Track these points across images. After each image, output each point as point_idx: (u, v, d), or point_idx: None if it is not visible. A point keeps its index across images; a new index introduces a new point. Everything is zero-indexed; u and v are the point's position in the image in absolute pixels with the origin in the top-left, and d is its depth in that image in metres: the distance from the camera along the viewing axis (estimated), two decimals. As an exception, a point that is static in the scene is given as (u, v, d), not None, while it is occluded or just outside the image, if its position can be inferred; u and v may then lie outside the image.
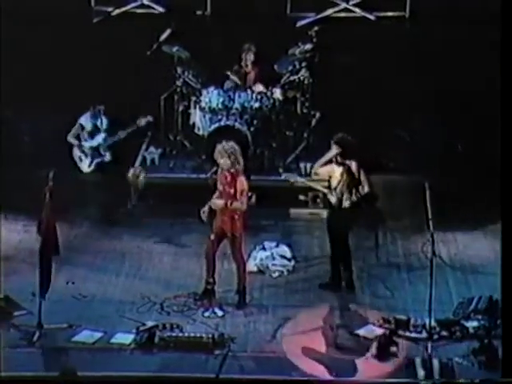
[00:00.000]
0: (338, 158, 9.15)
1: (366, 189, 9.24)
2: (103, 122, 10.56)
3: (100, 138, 10.51)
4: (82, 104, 11.44)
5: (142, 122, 10.56)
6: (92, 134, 10.54)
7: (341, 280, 9.27)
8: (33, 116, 11.39)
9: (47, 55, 11.62)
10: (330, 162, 9.27)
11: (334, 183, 9.19)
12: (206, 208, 8.94)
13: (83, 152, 10.52)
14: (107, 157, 10.51)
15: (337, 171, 9.20)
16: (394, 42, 11.78)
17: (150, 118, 10.63)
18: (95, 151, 10.53)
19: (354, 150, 9.24)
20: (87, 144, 10.51)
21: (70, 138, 10.59)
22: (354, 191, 9.18)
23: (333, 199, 9.18)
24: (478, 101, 10.61)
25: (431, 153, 10.98)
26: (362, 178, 9.22)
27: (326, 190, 9.28)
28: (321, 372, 8.02)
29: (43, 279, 8.42)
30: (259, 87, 11.02)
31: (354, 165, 9.21)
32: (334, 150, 9.18)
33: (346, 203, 9.16)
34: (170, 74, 11.13)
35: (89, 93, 11.51)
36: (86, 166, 10.56)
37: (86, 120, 10.58)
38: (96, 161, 10.52)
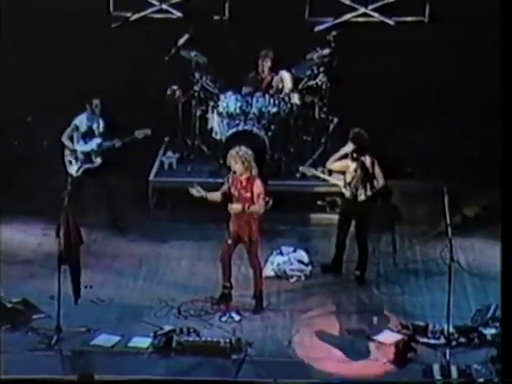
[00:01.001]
0: (353, 154, 9.25)
1: (381, 182, 9.34)
2: (100, 125, 10.22)
3: (94, 144, 10.17)
4: (100, 108, 11.49)
5: (140, 134, 10.28)
6: (85, 137, 10.18)
7: (342, 264, 9.42)
8: (51, 120, 11.44)
9: (66, 60, 11.68)
10: (344, 157, 9.36)
11: (348, 178, 9.30)
12: (198, 187, 8.95)
13: (75, 156, 10.18)
14: (97, 163, 10.17)
15: (351, 167, 9.31)
16: (412, 47, 11.76)
17: (148, 131, 10.29)
18: (86, 156, 10.19)
19: (368, 146, 9.29)
20: (80, 148, 10.17)
21: (65, 140, 10.22)
22: (368, 186, 9.25)
23: (347, 193, 9.27)
24: (499, 105, 10.56)
25: (450, 158, 10.95)
26: (377, 171, 9.32)
27: (341, 183, 9.36)
28: (335, 354, 8.10)
29: (74, 285, 8.51)
30: (286, 76, 10.92)
31: (368, 160, 9.31)
32: (350, 147, 9.27)
33: (360, 197, 9.26)
34: (188, 78, 11.15)
35: (107, 97, 11.56)
36: (74, 170, 10.22)
37: (81, 121, 10.24)
38: (85, 166, 10.20)
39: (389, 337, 8.46)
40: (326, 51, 11.10)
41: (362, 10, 12.30)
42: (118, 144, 10.23)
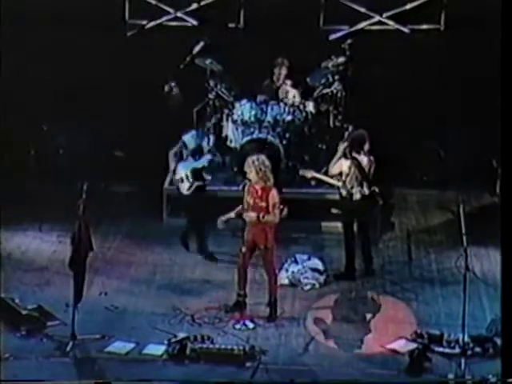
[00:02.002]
0: (347, 153, 9.41)
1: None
2: (210, 141, 10.11)
3: (205, 161, 9.98)
4: (115, 116, 11.56)
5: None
6: (194, 155, 9.99)
7: (355, 269, 9.47)
8: (67, 129, 11.50)
9: (82, 69, 11.72)
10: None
11: (343, 177, 9.44)
12: (227, 216, 8.94)
13: (186, 175, 9.95)
14: (208, 179, 10.01)
15: (344, 165, 9.45)
16: (428, 55, 11.73)
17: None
18: (197, 173, 9.95)
19: (360, 141, 9.39)
20: (191, 165, 9.92)
21: (171, 157, 10.19)
22: (365, 185, 9.26)
23: (343, 192, 9.39)
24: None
25: (465, 167, 10.92)
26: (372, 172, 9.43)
27: (339, 184, 9.46)
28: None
29: (77, 289, 8.50)
30: (289, 90, 10.95)
31: (365, 160, 9.37)
32: (343, 145, 9.50)
33: (356, 196, 9.34)
34: (203, 86, 11.17)
35: (122, 106, 11.61)
36: (185, 188, 9.97)
37: (189, 138, 10.19)
38: (197, 184, 9.94)
39: (404, 345, 8.43)
40: (341, 59, 11.10)
41: (377, 17, 12.26)
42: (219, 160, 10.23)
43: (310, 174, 9.88)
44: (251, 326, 8.77)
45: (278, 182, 10.69)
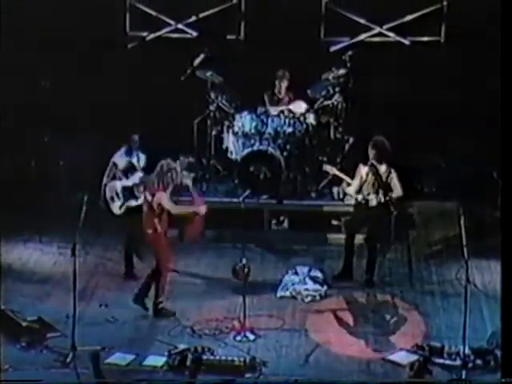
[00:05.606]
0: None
1: (397, 193, 9.46)
2: (140, 159, 9.85)
3: (136, 178, 9.71)
4: (116, 128, 11.56)
5: (184, 162, 9.92)
6: (126, 173, 9.73)
7: (352, 271, 9.57)
8: (68, 141, 11.51)
9: (82, 81, 11.76)
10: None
11: (360, 182, 9.47)
12: None
13: (116, 192, 9.70)
14: (140, 200, 9.47)
15: (363, 170, 9.49)
16: (428, 67, 11.76)
17: (191, 159, 10.21)
18: (128, 192, 9.69)
19: (383, 152, 9.42)
20: (120, 183, 9.69)
21: (105, 180, 9.75)
22: (382, 192, 9.33)
23: (359, 197, 9.44)
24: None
25: (466, 178, 10.93)
26: (394, 181, 9.45)
27: (352, 181, 9.52)
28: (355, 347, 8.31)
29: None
30: (301, 106, 11.00)
31: (383, 168, 9.41)
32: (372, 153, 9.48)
33: (372, 203, 9.36)
34: (204, 98, 11.19)
35: (123, 118, 11.63)
36: (116, 207, 9.72)
37: (119, 157, 9.84)
38: (128, 203, 9.67)
39: (404, 357, 8.41)
40: (342, 71, 11.12)
41: (378, 29, 12.30)
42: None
43: (331, 170, 9.90)
44: (252, 337, 8.76)
45: (279, 193, 10.74)
